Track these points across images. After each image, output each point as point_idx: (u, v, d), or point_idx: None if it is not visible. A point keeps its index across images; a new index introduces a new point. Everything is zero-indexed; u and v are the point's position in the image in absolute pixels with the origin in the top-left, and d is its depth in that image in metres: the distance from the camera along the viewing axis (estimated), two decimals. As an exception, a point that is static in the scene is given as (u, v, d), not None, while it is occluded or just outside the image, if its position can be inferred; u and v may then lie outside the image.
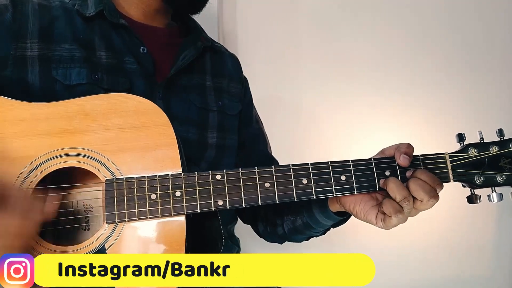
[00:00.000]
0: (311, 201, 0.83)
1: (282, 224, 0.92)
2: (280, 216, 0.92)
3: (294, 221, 0.89)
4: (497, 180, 0.71)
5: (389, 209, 0.68)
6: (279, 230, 0.93)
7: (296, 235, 0.92)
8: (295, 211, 0.89)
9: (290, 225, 0.90)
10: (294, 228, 0.90)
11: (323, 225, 0.86)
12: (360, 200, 0.74)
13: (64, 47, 0.77)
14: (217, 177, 0.68)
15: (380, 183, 0.71)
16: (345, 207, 0.77)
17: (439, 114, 1.57)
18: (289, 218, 0.90)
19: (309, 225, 0.86)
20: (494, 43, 1.62)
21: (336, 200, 0.79)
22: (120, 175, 0.66)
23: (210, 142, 0.88)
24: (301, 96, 1.58)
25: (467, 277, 1.62)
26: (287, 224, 0.91)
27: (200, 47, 0.90)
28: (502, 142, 0.72)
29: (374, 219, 0.73)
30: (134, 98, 0.69)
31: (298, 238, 0.94)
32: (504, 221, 1.62)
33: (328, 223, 0.84)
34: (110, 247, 0.64)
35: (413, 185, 0.68)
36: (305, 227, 0.88)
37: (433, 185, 0.68)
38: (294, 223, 0.89)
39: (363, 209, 0.74)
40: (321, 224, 0.85)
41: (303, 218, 0.87)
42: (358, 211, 0.75)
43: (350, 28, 1.59)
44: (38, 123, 0.66)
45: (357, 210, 0.75)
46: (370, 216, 0.73)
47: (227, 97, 0.94)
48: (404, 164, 0.71)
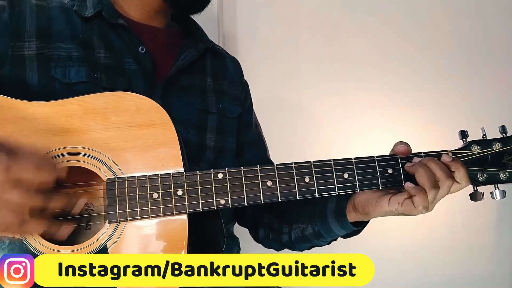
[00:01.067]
0: (326, 210, 0.81)
1: (290, 232, 0.89)
2: (288, 223, 0.89)
3: (304, 230, 0.86)
4: (500, 177, 0.71)
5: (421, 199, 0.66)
6: (284, 238, 0.90)
7: (302, 244, 0.89)
8: (306, 220, 0.86)
9: (299, 234, 0.87)
10: (303, 236, 0.87)
11: (335, 235, 0.83)
12: (371, 197, 0.73)
13: (63, 46, 0.76)
14: (219, 176, 0.67)
15: (406, 167, 0.70)
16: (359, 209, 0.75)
17: (441, 112, 1.57)
18: (298, 227, 0.87)
19: (320, 235, 0.84)
20: (497, 39, 1.62)
21: (351, 205, 0.77)
22: (121, 174, 0.66)
23: (209, 144, 0.87)
24: (301, 96, 1.58)
25: (467, 277, 1.61)
26: (295, 233, 0.88)
27: (201, 48, 0.90)
28: (505, 139, 0.72)
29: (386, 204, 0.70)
30: (135, 97, 0.68)
31: (302, 247, 0.91)
32: (504, 220, 1.62)
33: (341, 233, 0.82)
34: (112, 247, 0.64)
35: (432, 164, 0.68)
36: (315, 236, 0.85)
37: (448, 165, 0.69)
38: (304, 232, 0.86)
39: (373, 202, 0.72)
40: (334, 233, 0.82)
41: (315, 227, 0.84)
42: (369, 206, 0.72)
43: (350, 28, 1.59)
44: (38, 122, 0.65)
45: (369, 205, 0.72)
46: (382, 202, 0.70)
47: (227, 100, 0.93)
48: (403, 150, 0.71)
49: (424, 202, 0.66)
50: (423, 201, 0.66)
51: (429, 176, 0.67)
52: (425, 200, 0.66)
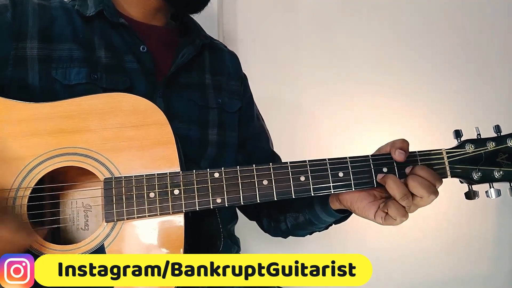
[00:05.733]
0: (312, 199, 0.84)
1: (285, 220, 0.93)
2: (283, 213, 0.93)
3: (296, 218, 0.90)
4: (494, 176, 0.71)
5: (394, 212, 0.68)
6: (282, 226, 0.94)
7: (299, 231, 0.93)
8: (297, 208, 0.90)
9: (293, 221, 0.91)
10: (297, 224, 0.91)
11: (325, 222, 0.86)
12: (357, 197, 0.74)
13: (64, 47, 0.77)
14: (215, 175, 0.68)
15: (377, 177, 0.71)
16: (344, 204, 0.78)
17: (436, 111, 1.57)
18: (291, 215, 0.91)
19: (311, 222, 0.87)
20: (492, 40, 1.62)
21: (336, 198, 0.79)
22: (118, 174, 0.66)
23: (211, 140, 0.88)
24: (301, 96, 1.58)
25: (467, 276, 1.61)
26: (289, 221, 0.92)
27: (199, 44, 0.90)
28: (499, 138, 0.72)
29: (372, 216, 0.73)
30: (132, 97, 0.69)
31: (301, 233, 0.95)
32: (504, 219, 1.61)
33: (330, 219, 0.85)
34: (109, 246, 0.65)
35: (412, 182, 0.68)
36: (307, 223, 0.88)
37: (432, 181, 0.68)
38: (297, 220, 0.90)
39: (361, 206, 0.74)
40: (323, 220, 0.85)
41: (305, 215, 0.88)
42: (356, 208, 0.75)
43: (350, 28, 1.59)
44: (37, 123, 0.66)
45: (355, 207, 0.75)
46: (368, 213, 0.73)
47: (226, 95, 0.94)
48: (399, 159, 0.70)
49: (399, 214, 0.68)
50: (398, 213, 0.68)
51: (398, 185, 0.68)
52: (398, 211, 0.68)
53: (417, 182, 0.67)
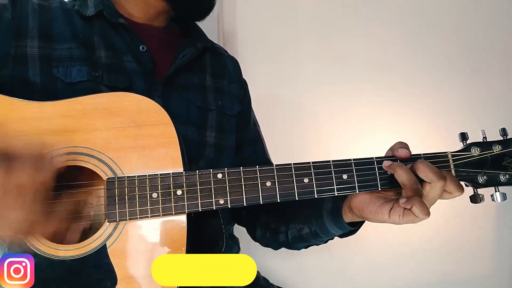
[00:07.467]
0: (322, 210, 0.82)
1: (287, 231, 0.89)
2: (285, 223, 0.90)
3: (300, 229, 0.87)
4: (500, 180, 0.70)
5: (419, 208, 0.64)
6: (281, 237, 0.91)
7: (299, 243, 0.90)
8: (302, 219, 0.86)
9: (296, 233, 0.88)
10: (300, 236, 0.87)
11: (332, 235, 0.84)
12: (369, 201, 0.72)
13: (64, 46, 0.77)
14: (218, 176, 0.68)
15: (384, 164, 0.70)
16: (355, 213, 0.75)
17: (441, 114, 1.57)
18: (295, 226, 0.88)
19: (316, 234, 0.84)
20: (498, 41, 1.62)
21: (348, 207, 0.77)
22: (121, 173, 0.66)
23: (209, 142, 0.88)
24: (301, 96, 1.57)
25: (467, 277, 1.61)
26: (292, 232, 0.88)
27: (200, 47, 0.90)
28: (506, 141, 0.71)
29: (387, 216, 0.69)
30: (136, 97, 0.68)
31: (299, 246, 0.92)
32: (504, 220, 1.62)
33: (338, 233, 0.82)
34: (111, 246, 0.64)
35: (421, 166, 0.67)
36: (311, 235, 0.85)
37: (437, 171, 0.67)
38: (300, 232, 0.87)
39: (373, 209, 0.71)
40: (330, 233, 0.82)
41: (311, 227, 0.84)
42: (368, 213, 0.72)
43: (350, 28, 1.59)
44: (40, 122, 0.66)
45: (368, 211, 0.72)
46: (381, 214, 0.69)
47: (226, 98, 0.94)
48: (404, 154, 0.70)
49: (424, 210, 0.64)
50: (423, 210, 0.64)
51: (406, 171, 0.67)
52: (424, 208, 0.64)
53: (425, 166, 0.66)
